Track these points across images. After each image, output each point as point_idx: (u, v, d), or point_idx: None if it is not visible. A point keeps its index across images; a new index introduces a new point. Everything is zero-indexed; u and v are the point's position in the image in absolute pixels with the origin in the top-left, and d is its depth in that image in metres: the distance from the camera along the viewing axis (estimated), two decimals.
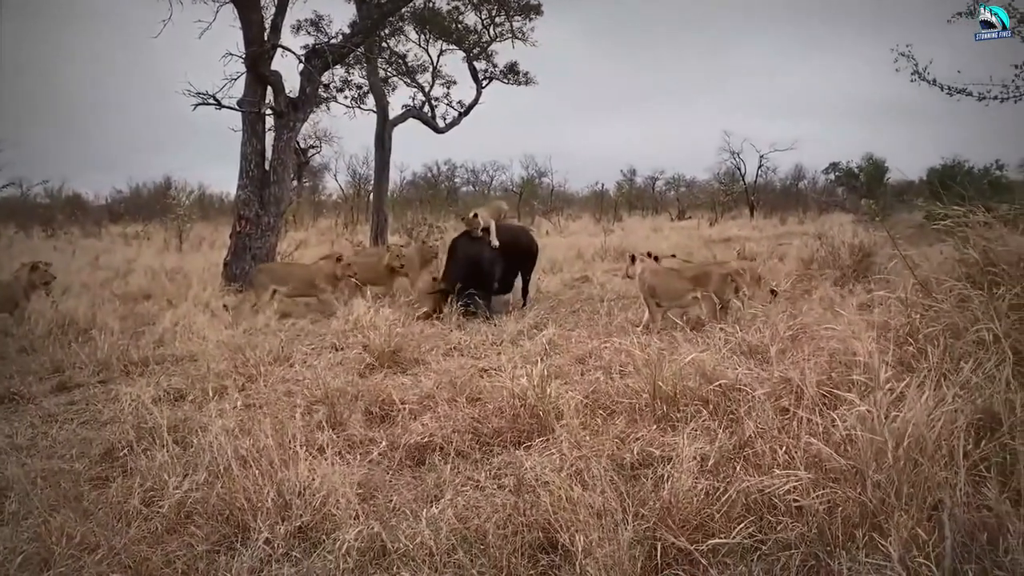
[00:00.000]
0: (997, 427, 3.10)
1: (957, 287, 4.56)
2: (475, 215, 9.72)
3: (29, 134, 52.57)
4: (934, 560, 2.51)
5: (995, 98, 7.73)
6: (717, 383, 4.54)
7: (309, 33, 18.64)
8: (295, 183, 32.38)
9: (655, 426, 4.28)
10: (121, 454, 4.40)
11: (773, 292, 7.81)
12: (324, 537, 3.24)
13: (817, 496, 2.95)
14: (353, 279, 9.91)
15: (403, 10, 16.51)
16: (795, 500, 3.01)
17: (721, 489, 3.18)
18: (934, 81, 7.95)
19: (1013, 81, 7.85)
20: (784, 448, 3.37)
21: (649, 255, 8.48)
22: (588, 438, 4.09)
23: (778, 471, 3.18)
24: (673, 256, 9.87)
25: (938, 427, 3.00)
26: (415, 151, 65.86)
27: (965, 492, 2.81)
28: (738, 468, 3.39)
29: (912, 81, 8.03)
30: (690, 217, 36.24)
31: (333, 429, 4.58)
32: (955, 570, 2.47)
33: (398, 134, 18.26)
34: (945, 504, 2.69)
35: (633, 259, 8.26)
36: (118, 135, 62.71)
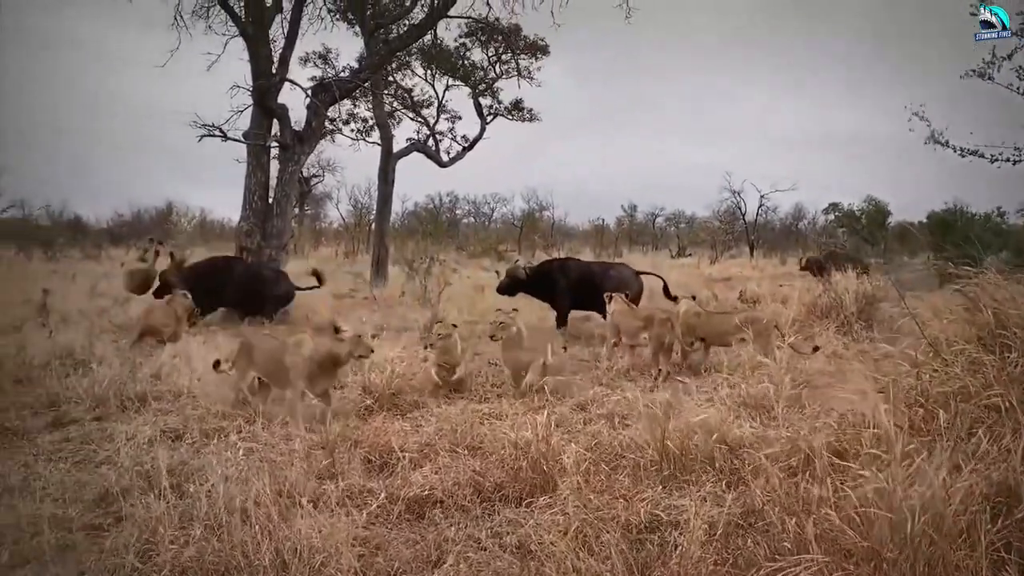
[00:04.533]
0: (1015, 503, 3.00)
1: (968, 349, 4.47)
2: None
3: (31, 160, 52.96)
4: None
5: (1007, 160, 7.74)
6: (723, 443, 4.46)
7: (317, 65, 18.87)
8: (296, 211, 32.52)
9: (661, 487, 4.20)
10: (116, 500, 4.27)
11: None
12: None
13: None
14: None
15: (411, 46, 16.65)
16: None
17: (731, 561, 3.10)
18: (947, 143, 7.94)
19: None
20: (795, 519, 3.28)
21: (693, 298, 8.88)
22: (592, 497, 3.98)
23: (788, 543, 3.10)
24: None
25: (955, 503, 2.91)
26: (418, 183, 66.46)
27: None
28: (748, 540, 3.30)
29: (926, 144, 8.03)
30: (691, 254, 36.30)
31: (331, 478, 4.49)
32: None
33: (402, 166, 18.36)
34: None
35: (610, 299, 8.70)
36: (122, 162, 63.77)
